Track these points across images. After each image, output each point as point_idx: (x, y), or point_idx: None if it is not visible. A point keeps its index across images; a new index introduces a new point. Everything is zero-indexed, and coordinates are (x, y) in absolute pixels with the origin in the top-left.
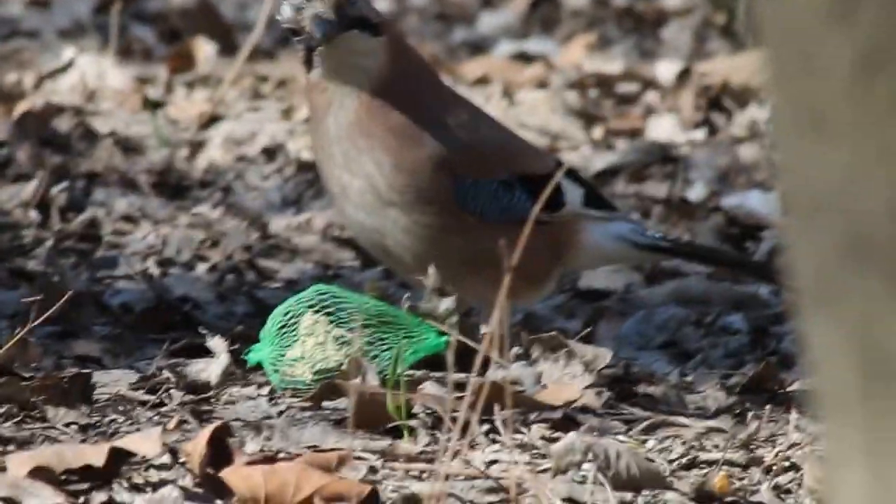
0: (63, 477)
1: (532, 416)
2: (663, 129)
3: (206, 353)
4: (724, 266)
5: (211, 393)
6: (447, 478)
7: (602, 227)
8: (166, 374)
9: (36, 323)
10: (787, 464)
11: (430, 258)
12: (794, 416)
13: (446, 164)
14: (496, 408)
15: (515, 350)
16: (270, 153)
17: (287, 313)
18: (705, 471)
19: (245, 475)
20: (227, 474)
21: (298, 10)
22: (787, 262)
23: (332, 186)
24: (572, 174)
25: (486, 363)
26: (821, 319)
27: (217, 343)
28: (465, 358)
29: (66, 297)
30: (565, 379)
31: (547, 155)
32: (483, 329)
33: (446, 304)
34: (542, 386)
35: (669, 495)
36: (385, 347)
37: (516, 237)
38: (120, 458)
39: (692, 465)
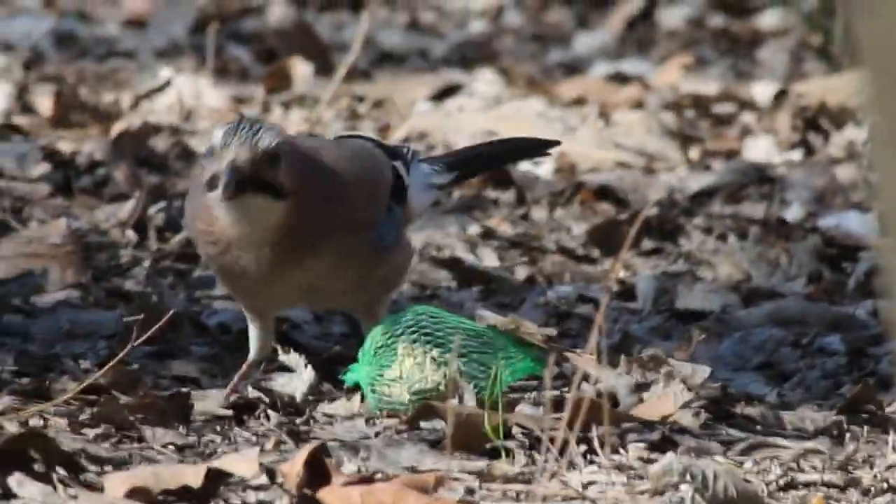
0: (160, 497)
1: (629, 437)
2: (760, 149)
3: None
4: (509, 158)
5: (308, 413)
6: (544, 499)
7: (413, 187)
8: (261, 393)
9: (136, 343)
10: (885, 485)
11: (354, 293)
12: (892, 437)
13: (361, 229)
14: (594, 426)
15: (615, 371)
16: None
17: (385, 333)
18: (803, 492)
19: (342, 496)
20: (323, 495)
21: (218, 149)
22: (884, 283)
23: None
24: (379, 146)
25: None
26: None
27: (294, 359)
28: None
29: (166, 317)
30: (664, 396)
31: (379, 148)
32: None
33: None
34: (639, 400)
35: None
36: (482, 368)
37: (406, 237)
38: (217, 479)
39: (790, 486)
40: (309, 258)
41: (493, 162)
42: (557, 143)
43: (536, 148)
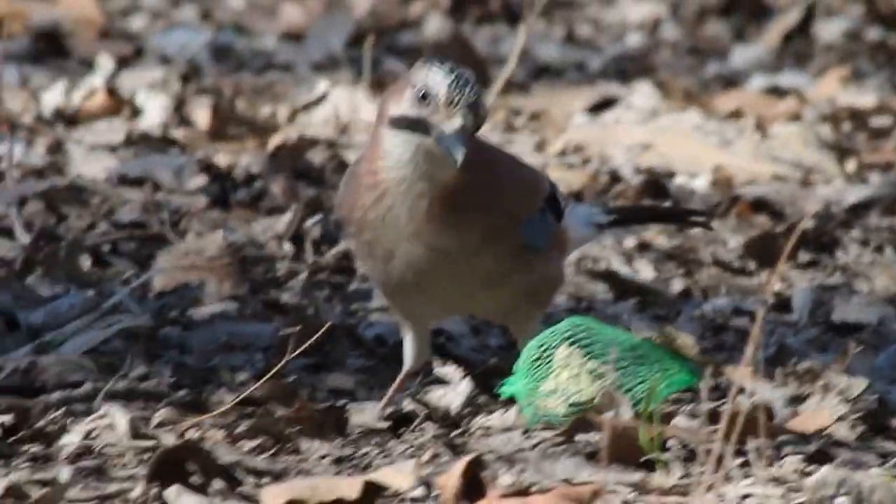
0: None
1: (785, 450)
2: None
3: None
4: (665, 220)
5: (464, 426)
6: None
7: (572, 218)
8: (417, 406)
9: (293, 356)
10: None
11: (499, 298)
12: None
13: (511, 217)
14: (749, 439)
15: (771, 383)
16: None
17: (542, 346)
18: None
19: None
20: None
21: (443, 102)
22: None
23: (380, 253)
24: None
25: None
26: None
27: (450, 372)
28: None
29: (323, 329)
30: (820, 408)
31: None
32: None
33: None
34: (795, 412)
35: None
36: (639, 381)
37: (558, 254)
38: (374, 491)
39: None
40: (458, 225)
41: (650, 218)
42: (708, 224)
43: (688, 216)
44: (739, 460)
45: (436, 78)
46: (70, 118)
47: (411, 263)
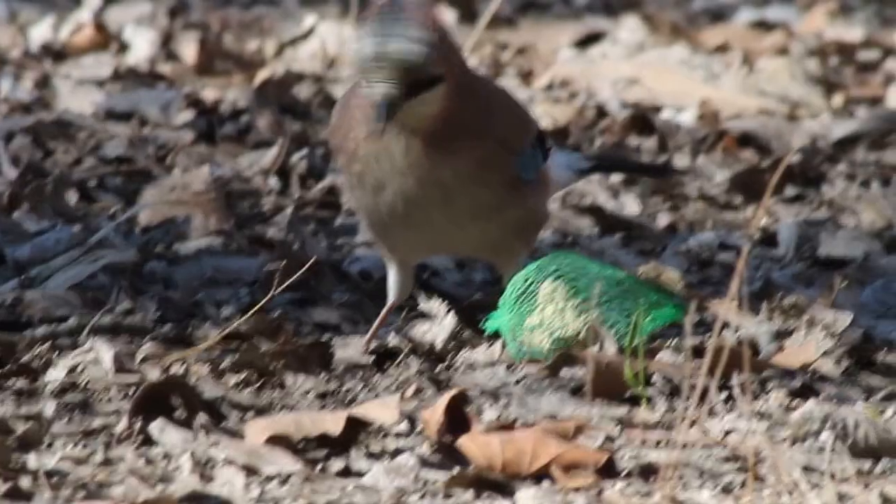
0: (301, 444)
1: (770, 385)
2: None
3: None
4: (634, 172)
5: (448, 361)
6: (684, 446)
7: (555, 162)
8: (402, 340)
9: (278, 291)
10: None
11: (488, 232)
12: None
13: (505, 148)
14: (734, 374)
15: (756, 318)
16: None
17: (526, 280)
18: None
19: (482, 443)
20: (463, 442)
21: (369, 69)
22: None
23: (371, 184)
24: None
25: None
26: None
27: (435, 306)
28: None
29: (308, 264)
30: (805, 344)
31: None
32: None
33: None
34: (779, 348)
35: None
36: (623, 316)
37: (544, 191)
38: (357, 426)
39: None
40: (453, 155)
41: (626, 169)
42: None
43: (661, 174)
44: (723, 395)
45: (365, 42)
46: (58, 53)
47: (403, 195)
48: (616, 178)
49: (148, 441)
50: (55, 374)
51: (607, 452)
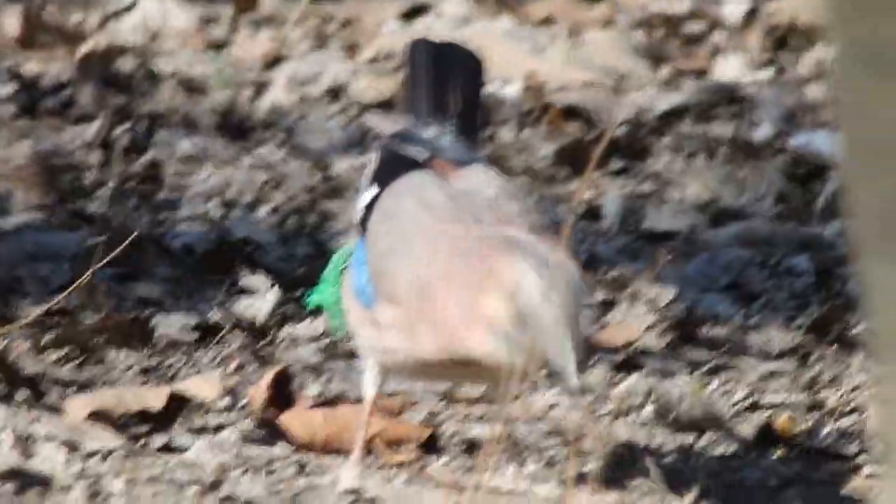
0: (122, 420)
1: (593, 359)
2: (730, 68)
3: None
4: None
5: (271, 336)
6: (507, 421)
7: None
8: (223, 315)
9: (99, 265)
10: (850, 406)
11: None
12: (857, 358)
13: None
14: None
15: None
16: (334, 94)
17: (349, 255)
18: (768, 413)
19: (304, 419)
20: (285, 418)
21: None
22: (848, 204)
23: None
24: None
25: None
26: (881, 261)
27: (258, 280)
28: None
29: (129, 238)
30: (628, 320)
31: None
32: None
33: None
34: (601, 323)
35: (731, 438)
36: None
37: None
38: (180, 402)
39: (755, 407)
40: None
41: None
42: None
43: None
44: (545, 371)
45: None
46: None
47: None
48: None
49: None
50: None
51: (430, 427)
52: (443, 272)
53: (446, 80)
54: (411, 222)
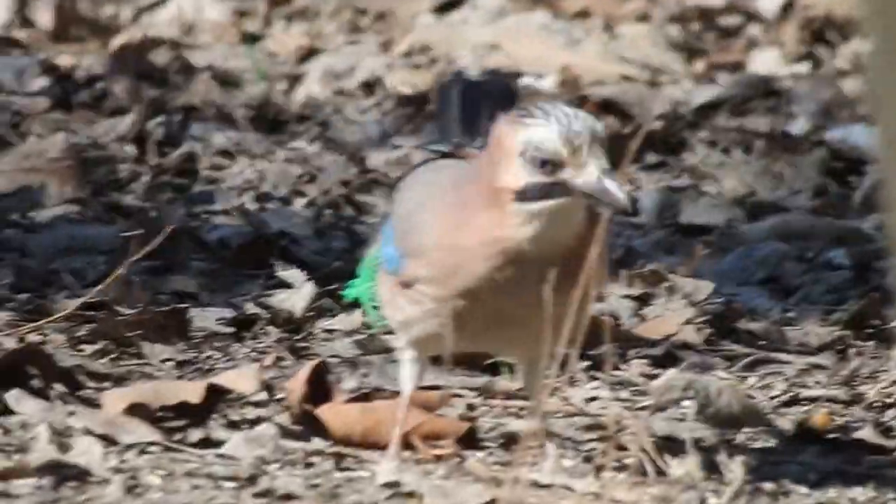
0: (159, 414)
1: (632, 353)
2: (766, 62)
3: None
4: None
5: (307, 329)
6: (545, 415)
7: None
8: (260, 309)
9: (134, 259)
10: (889, 400)
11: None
12: None
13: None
14: (595, 345)
15: (618, 288)
16: (369, 87)
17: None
18: (806, 408)
19: (342, 413)
20: (323, 412)
21: (577, 149)
22: (886, 198)
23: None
24: None
25: None
26: None
27: (294, 274)
28: None
29: (165, 232)
30: (666, 314)
31: None
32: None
33: None
34: (640, 316)
35: (770, 432)
36: None
37: None
38: (216, 395)
39: (793, 402)
40: (571, 286)
41: None
42: None
43: None
44: (585, 364)
45: (543, 136)
46: None
47: (497, 320)
48: None
49: (5, 411)
50: None
51: (468, 421)
52: (458, 201)
53: (478, 113)
54: (430, 184)
